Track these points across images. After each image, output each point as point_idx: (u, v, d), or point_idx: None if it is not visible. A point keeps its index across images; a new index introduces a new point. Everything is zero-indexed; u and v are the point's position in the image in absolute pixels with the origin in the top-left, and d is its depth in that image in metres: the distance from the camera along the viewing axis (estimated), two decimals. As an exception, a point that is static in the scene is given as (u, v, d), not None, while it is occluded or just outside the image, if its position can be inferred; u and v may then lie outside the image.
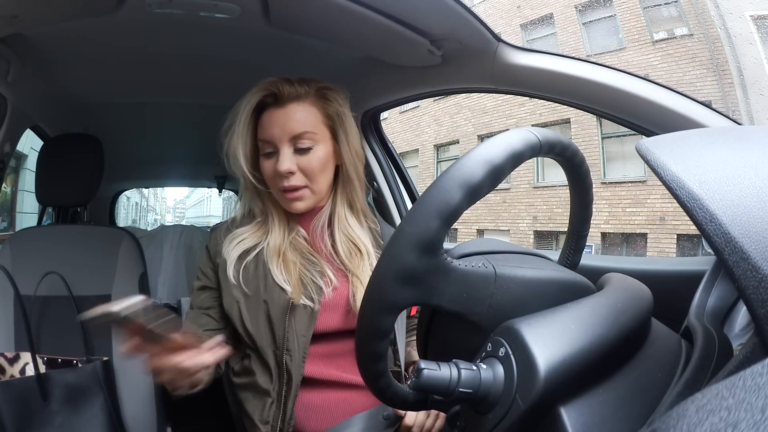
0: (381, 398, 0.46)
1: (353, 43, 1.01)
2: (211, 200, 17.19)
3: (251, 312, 0.80)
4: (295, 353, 0.78)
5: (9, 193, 5.54)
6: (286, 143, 0.80)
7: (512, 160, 0.41)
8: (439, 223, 0.38)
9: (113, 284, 1.12)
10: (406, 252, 0.38)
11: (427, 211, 0.38)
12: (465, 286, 0.41)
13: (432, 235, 0.38)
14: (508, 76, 0.94)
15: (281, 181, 0.80)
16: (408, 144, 11.80)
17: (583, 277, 0.47)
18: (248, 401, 0.82)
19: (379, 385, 0.45)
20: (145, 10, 0.87)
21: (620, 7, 8.66)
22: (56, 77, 1.21)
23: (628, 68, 0.85)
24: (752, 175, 0.32)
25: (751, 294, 0.28)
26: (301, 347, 0.78)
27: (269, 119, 0.81)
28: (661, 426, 0.20)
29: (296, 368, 0.77)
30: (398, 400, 0.46)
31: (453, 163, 0.40)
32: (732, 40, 7.28)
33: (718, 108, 0.78)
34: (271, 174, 0.81)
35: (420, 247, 0.38)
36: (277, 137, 0.80)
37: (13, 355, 0.98)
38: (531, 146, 0.42)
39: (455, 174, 0.39)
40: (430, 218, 0.38)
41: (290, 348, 0.78)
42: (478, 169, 0.39)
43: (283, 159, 0.79)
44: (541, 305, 0.41)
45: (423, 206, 0.38)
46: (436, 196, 0.38)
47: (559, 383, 0.35)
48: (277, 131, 0.80)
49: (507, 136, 0.42)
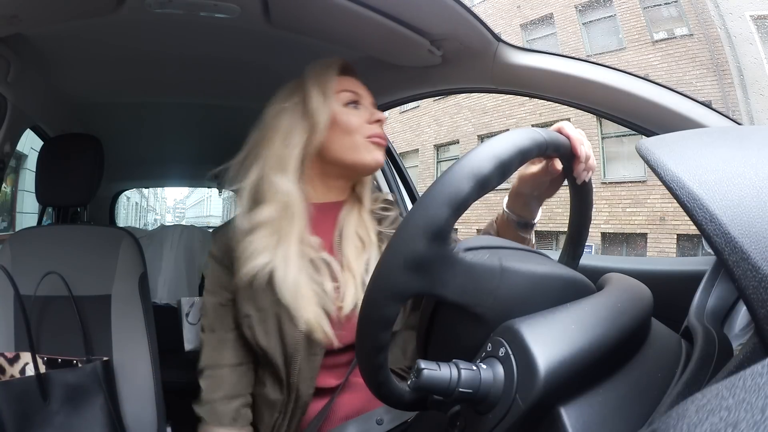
0: (377, 393, 0.46)
1: (353, 43, 1.01)
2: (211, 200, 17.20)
3: (264, 326, 0.77)
4: (306, 372, 0.75)
5: (9, 193, 5.54)
6: (369, 103, 0.83)
7: (520, 156, 0.41)
8: (449, 211, 0.38)
9: (113, 284, 1.12)
10: (416, 238, 0.38)
11: (438, 199, 0.38)
12: (471, 278, 0.41)
13: (441, 223, 0.38)
14: (508, 76, 0.94)
15: (372, 128, 0.80)
16: (408, 144, 11.80)
17: (584, 276, 0.47)
18: (255, 411, 0.81)
19: (377, 378, 0.45)
20: (145, 10, 0.87)
21: (620, 7, 8.66)
22: (56, 77, 1.21)
23: (628, 68, 0.85)
24: (752, 175, 0.32)
25: (751, 294, 0.28)
26: (312, 366, 0.76)
27: (350, 80, 0.83)
28: (661, 426, 0.20)
29: (306, 387, 0.76)
30: (394, 397, 0.46)
31: (463, 155, 0.40)
32: (732, 40, 7.29)
33: (718, 108, 0.78)
34: (357, 123, 0.79)
35: (429, 235, 0.38)
36: (363, 94, 0.83)
37: (13, 355, 0.98)
38: (538, 144, 0.43)
39: (466, 165, 0.39)
40: (440, 206, 0.38)
41: (302, 368, 0.75)
42: (488, 162, 0.39)
43: (375, 110, 0.81)
44: (545, 300, 0.41)
45: (433, 194, 0.39)
46: (446, 185, 0.39)
47: (559, 383, 0.35)
48: (362, 90, 0.83)
49: (515, 134, 0.43)
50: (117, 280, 1.12)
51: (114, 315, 1.10)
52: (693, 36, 7.83)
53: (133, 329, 1.10)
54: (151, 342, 1.09)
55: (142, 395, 1.07)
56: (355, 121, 0.79)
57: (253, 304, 0.77)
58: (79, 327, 1.05)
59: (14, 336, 1.02)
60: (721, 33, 7.38)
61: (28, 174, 5.41)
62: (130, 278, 1.14)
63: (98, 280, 1.11)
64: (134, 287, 1.13)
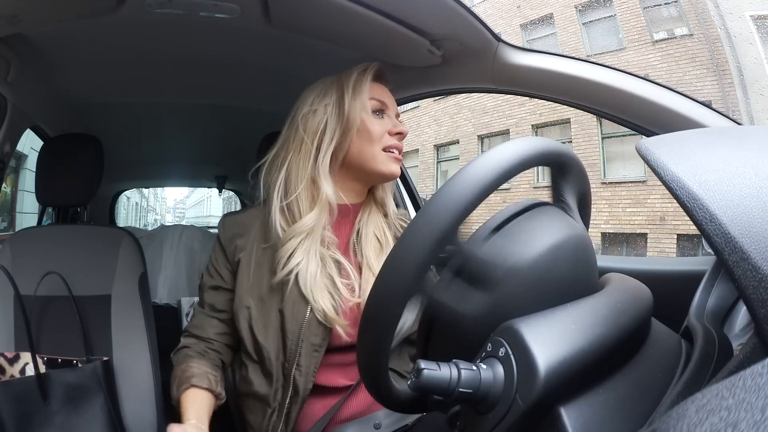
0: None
1: (353, 43, 1.01)
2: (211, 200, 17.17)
3: (263, 320, 0.77)
4: (305, 368, 0.75)
5: (9, 194, 5.54)
6: (394, 114, 0.84)
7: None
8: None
9: (113, 284, 1.12)
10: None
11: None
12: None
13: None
14: (508, 76, 0.94)
15: (392, 140, 0.81)
16: (408, 144, 11.74)
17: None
18: (248, 410, 0.81)
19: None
20: (145, 10, 0.87)
21: (620, 7, 8.66)
22: (56, 77, 1.21)
23: (628, 68, 0.85)
24: (752, 175, 0.32)
25: (751, 294, 0.28)
26: (312, 362, 0.76)
27: (380, 88, 0.84)
28: (661, 426, 0.20)
29: (304, 383, 0.75)
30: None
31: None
32: (732, 40, 7.29)
33: (718, 108, 0.79)
34: (380, 132, 0.80)
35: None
36: (389, 104, 0.84)
37: (13, 355, 0.98)
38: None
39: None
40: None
41: (301, 363, 0.75)
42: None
43: (398, 123, 0.83)
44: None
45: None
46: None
47: (559, 383, 0.35)
48: (388, 100, 0.84)
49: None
50: (117, 280, 1.13)
51: (114, 315, 1.10)
52: (693, 36, 7.83)
53: (133, 329, 1.10)
54: (151, 342, 1.09)
55: (142, 395, 1.07)
56: (377, 130, 0.80)
57: (256, 295, 0.78)
58: (79, 327, 1.05)
59: (14, 336, 1.02)
60: (721, 33, 7.38)
61: (29, 174, 5.40)
62: (130, 278, 1.14)
63: (98, 279, 1.11)
64: (134, 287, 1.13)
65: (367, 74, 0.82)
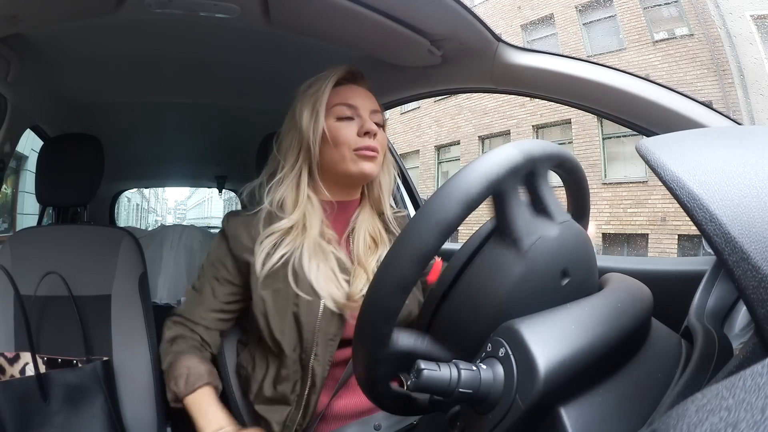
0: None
1: (353, 43, 1.01)
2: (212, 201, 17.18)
3: (279, 312, 0.78)
4: (321, 357, 0.77)
5: (9, 195, 5.54)
6: (367, 113, 0.83)
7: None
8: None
9: (113, 284, 1.12)
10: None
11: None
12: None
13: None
14: (508, 76, 0.94)
15: (362, 141, 0.80)
16: (409, 145, 11.79)
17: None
18: (263, 411, 0.81)
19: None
20: (145, 10, 0.87)
21: (620, 8, 8.66)
22: (56, 77, 1.21)
23: (628, 68, 0.85)
24: (752, 175, 0.32)
25: (751, 294, 0.28)
26: (328, 351, 0.77)
27: (349, 90, 0.84)
28: (661, 426, 0.20)
29: (321, 372, 0.77)
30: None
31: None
32: (732, 40, 7.28)
33: (718, 108, 0.79)
34: (348, 135, 0.80)
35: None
36: (359, 105, 0.82)
37: (13, 355, 0.98)
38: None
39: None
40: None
41: (318, 353, 0.76)
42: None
43: (369, 121, 0.82)
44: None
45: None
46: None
47: (559, 383, 0.35)
48: (359, 100, 0.83)
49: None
50: (117, 279, 1.13)
51: (114, 315, 1.10)
52: (693, 36, 7.82)
53: (133, 329, 1.10)
54: (151, 342, 1.09)
55: (142, 395, 1.07)
56: (342, 136, 0.81)
57: (269, 289, 0.79)
58: (79, 327, 1.05)
59: (14, 336, 1.02)
60: (722, 33, 7.38)
61: (29, 175, 5.41)
62: (130, 278, 1.14)
63: (98, 279, 1.11)
64: (134, 287, 1.13)
65: (326, 83, 0.82)
